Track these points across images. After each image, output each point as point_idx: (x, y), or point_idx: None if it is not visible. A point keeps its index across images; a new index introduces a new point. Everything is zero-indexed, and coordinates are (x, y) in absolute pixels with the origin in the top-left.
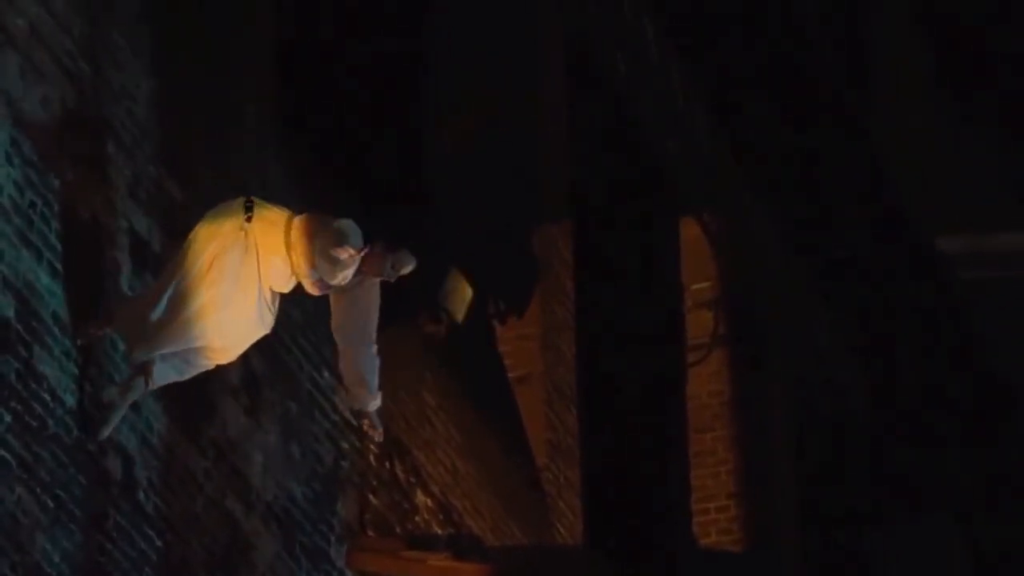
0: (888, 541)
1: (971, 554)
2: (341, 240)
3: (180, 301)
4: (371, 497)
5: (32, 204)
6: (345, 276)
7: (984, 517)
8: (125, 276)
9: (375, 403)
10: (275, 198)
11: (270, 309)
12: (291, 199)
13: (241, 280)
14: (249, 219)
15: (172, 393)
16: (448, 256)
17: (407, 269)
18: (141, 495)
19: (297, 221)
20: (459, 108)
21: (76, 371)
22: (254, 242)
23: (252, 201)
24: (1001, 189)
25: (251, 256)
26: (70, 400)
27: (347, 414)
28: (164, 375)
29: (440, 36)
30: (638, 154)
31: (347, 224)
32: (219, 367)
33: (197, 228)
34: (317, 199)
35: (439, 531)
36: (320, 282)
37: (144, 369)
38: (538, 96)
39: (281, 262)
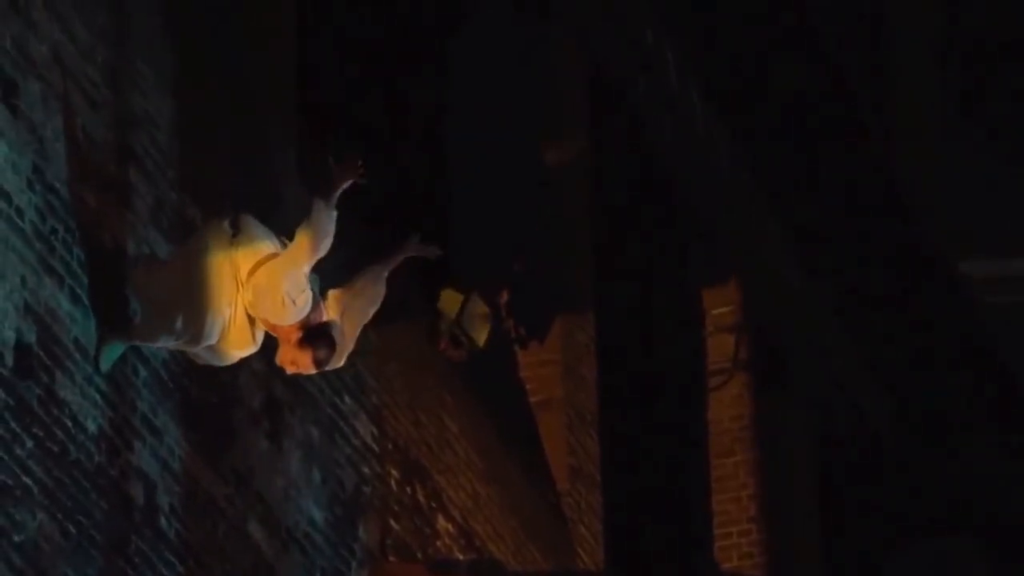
0: (910, 565)
1: None
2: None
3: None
4: (392, 522)
5: (54, 230)
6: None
7: (1008, 541)
8: None
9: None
10: (296, 223)
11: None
12: None
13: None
14: (235, 235)
15: (193, 419)
16: (469, 281)
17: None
18: (163, 521)
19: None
20: (479, 136)
21: (98, 397)
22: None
23: (239, 218)
24: None
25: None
26: (92, 426)
27: (368, 439)
28: None
29: (462, 67)
30: (660, 180)
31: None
32: (241, 393)
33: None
34: (337, 226)
35: (460, 556)
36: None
37: None
38: (560, 122)
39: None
